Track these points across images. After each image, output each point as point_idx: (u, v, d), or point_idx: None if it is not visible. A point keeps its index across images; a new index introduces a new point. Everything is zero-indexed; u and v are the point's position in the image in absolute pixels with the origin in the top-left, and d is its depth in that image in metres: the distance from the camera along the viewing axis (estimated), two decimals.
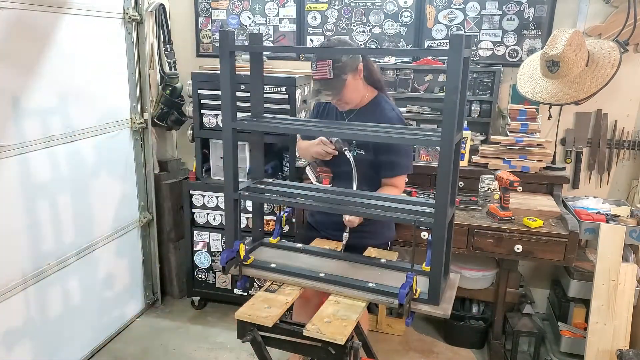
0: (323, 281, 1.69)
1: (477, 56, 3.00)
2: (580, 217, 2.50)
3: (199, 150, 3.11)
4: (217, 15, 3.34)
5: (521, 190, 2.45)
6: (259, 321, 1.54)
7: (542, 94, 2.58)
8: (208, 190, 3.11)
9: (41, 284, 2.38)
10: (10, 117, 2.16)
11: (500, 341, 2.83)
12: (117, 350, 2.87)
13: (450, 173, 1.46)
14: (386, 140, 1.77)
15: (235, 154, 1.72)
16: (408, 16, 3.04)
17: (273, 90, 2.88)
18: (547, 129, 2.97)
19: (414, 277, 1.50)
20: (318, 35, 3.20)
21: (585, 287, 2.59)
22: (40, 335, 2.41)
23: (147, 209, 3.20)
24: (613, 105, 2.88)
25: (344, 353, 1.47)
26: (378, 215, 1.64)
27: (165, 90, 3.25)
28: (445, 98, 1.41)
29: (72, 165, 2.54)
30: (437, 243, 1.51)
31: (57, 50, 2.38)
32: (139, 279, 3.22)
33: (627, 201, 2.85)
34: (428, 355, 2.90)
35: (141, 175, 3.13)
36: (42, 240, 2.38)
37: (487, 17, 2.96)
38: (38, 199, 2.34)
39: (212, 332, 3.07)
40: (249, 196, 1.80)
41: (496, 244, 2.39)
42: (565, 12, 2.84)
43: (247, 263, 1.79)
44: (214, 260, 3.22)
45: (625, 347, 2.38)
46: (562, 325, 2.73)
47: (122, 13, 2.84)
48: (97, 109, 2.71)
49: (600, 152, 2.95)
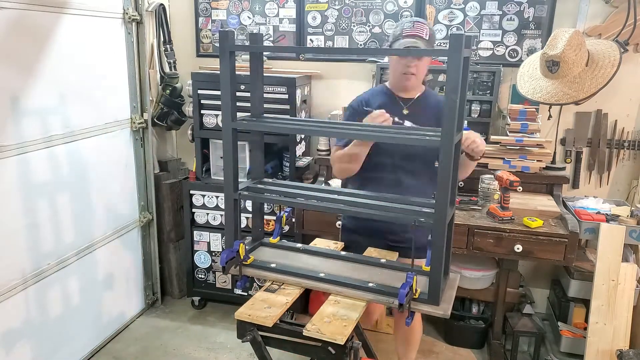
0: (323, 281, 1.69)
1: (477, 56, 2.99)
2: (580, 217, 2.50)
3: (199, 150, 3.11)
4: (217, 15, 3.34)
5: (521, 190, 2.45)
6: (259, 321, 1.54)
7: (542, 94, 2.58)
8: (208, 190, 3.11)
9: (41, 284, 2.38)
10: (10, 117, 2.16)
11: (500, 341, 2.83)
12: (117, 350, 2.87)
13: (450, 173, 1.46)
14: (387, 140, 1.77)
15: (235, 154, 1.72)
16: (408, 16, 3.04)
17: (273, 90, 2.89)
18: (547, 129, 2.97)
19: (414, 277, 1.50)
20: (318, 35, 3.20)
21: (585, 287, 2.59)
22: (40, 335, 2.41)
23: (147, 209, 3.20)
24: (613, 105, 2.88)
25: (344, 353, 1.47)
26: (378, 215, 1.64)
27: (165, 90, 3.25)
28: (445, 98, 1.42)
29: (72, 165, 2.54)
30: (437, 243, 1.51)
31: (57, 50, 2.38)
32: (139, 279, 3.22)
33: (627, 201, 2.85)
34: (428, 355, 2.90)
35: (141, 175, 3.13)
36: (42, 240, 2.38)
37: (487, 17, 2.96)
38: (38, 199, 2.34)
39: (212, 332, 3.07)
40: (249, 196, 1.80)
41: (496, 244, 2.39)
42: (565, 12, 2.84)
43: (247, 263, 1.78)
44: (214, 260, 3.22)
45: (625, 347, 2.38)
46: (562, 325, 2.73)
47: (122, 13, 2.85)
48: (97, 109, 2.71)
49: (600, 152, 2.95)
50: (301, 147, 3.15)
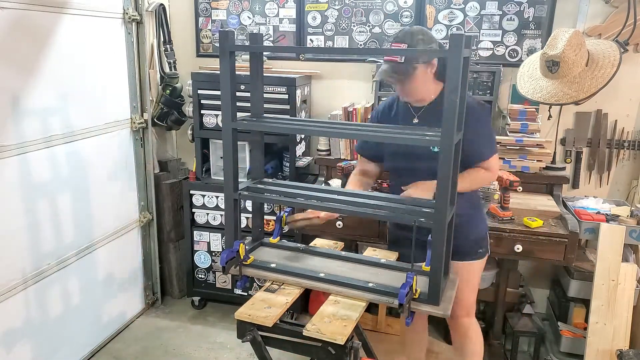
0: (323, 281, 1.69)
1: (477, 56, 2.99)
2: (580, 217, 2.50)
3: (199, 150, 3.11)
4: (217, 15, 3.34)
5: (521, 190, 2.45)
6: (259, 321, 1.54)
7: (542, 94, 2.58)
8: (208, 190, 3.11)
9: (41, 284, 2.38)
10: (10, 117, 2.16)
11: (500, 341, 2.83)
12: (117, 350, 2.87)
13: (450, 173, 1.46)
14: (387, 140, 1.77)
15: (235, 154, 1.72)
16: (408, 16, 3.04)
17: (273, 90, 2.88)
18: (547, 129, 2.97)
19: (414, 277, 1.50)
20: (318, 35, 3.20)
21: (585, 287, 2.59)
22: (40, 335, 2.41)
23: (147, 209, 3.20)
24: (613, 105, 2.88)
25: (344, 353, 1.47)
26: (378, 215, 1.64)
27: (165, 90, 3.25)
28: (445, 98, 1.42)
29: (72, 165, 2.54)
30: (437, 243, 1.51)
31: (57, 50, 2.38)
32: (139, 279, 3.22)
33: (627, 201, 2.85)
34: (428, 355, 2.89)
35: (141, 175, 3.13)
36: (42, 240, 2.38)
37: (487, 17, 2.96)
38: (38, 199, 2.34)
39: (212, 332, 3.07)
40: (249, 196, 1.80)
41: (496, 244, 2.39)
42: (565, 12, 2.84)
43: (247, 263, 1.79)
44: (214, 260, 3.22)
45: (625, 347, 2.38)
46: (562, 325, 2.73)
47: (122, 13, 2.85)
48: (97, 109, 2.71)
49: (600, 152, 2.95)
50: (301, 147, 3.15)
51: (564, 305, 2.79)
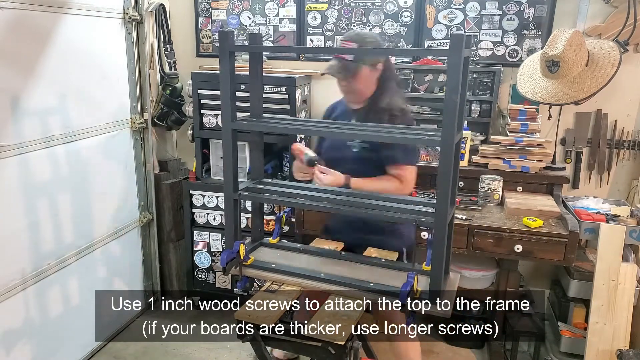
0: (323, 281, 1.69)
1: (477, 56, 2.99)
2: (580, 217, 2.50)
3: (199, 150, 3.10)
4: (217, 15, 3.33)
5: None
6: (259, 321, 1.55)
7: (542, 94, 2.58)
8: (208, 190, 3.11)
9: (41, 284, 2.38)
10: (10, 117, 2.16)
11: (500, 341, 2.83)
12: (117, 350, 2.87)
13: (450, 173, 1.46)
14: (387, 140, 1.77)
15: (235, 154, 1.72)
16: (408, 16, 3.04)
17: (273, 90, 2.88)
18: (547, 129, 2.96)
19: (414, 276, 1.50)
20: (318, 35, 3.20)
21: (585, 287, 2.58)
22: (39, 335, 2.40)
23: (147, 209, 3.20)
24: (613, 105, 2.88)
25: (344, 353, 1.47)
26: (378, 215, 1.64)
27: (165, 90, 3.25)
28: (445, 98, 1.42)
29: (72, 165, 2.54)
30: (438, 243, 1.51)
31: (57, 50, 2.38)
32: (139, 279, 3.22)
33: (627, 201, 2.85)
34: (428, 355, 2.89)
35: (141, 175, 3.13)
36: (42, 240, 2.37)
37: (487, 17, 2.95)
38: (38, 199, 2.33)
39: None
40: (249, 196, 1.80)
41: (496, 244, 2.39)
42: (565, 12, 2.84)
43: (247, 263, 1.78)
44: (214, 260, 3.22)
45: (625, 347, 2.38)
46: (562, 325, 2.73)
47: (122, 13, 2.84)
48: (97, 109, 2.70)
49: (600, 152, 2.94)
50: None
51: (564, 305, 2.78)
